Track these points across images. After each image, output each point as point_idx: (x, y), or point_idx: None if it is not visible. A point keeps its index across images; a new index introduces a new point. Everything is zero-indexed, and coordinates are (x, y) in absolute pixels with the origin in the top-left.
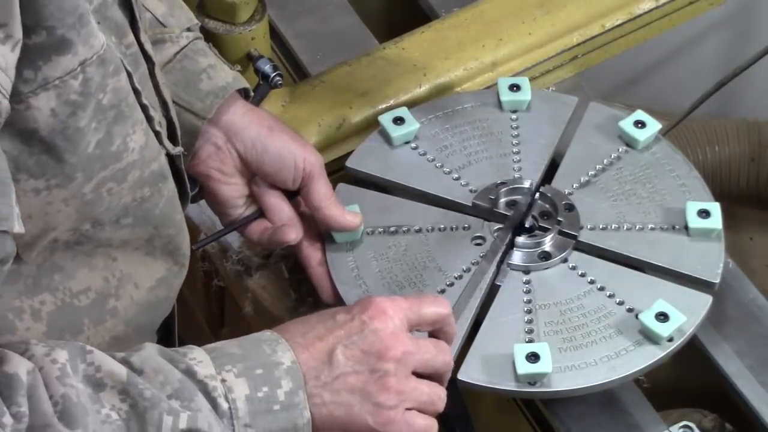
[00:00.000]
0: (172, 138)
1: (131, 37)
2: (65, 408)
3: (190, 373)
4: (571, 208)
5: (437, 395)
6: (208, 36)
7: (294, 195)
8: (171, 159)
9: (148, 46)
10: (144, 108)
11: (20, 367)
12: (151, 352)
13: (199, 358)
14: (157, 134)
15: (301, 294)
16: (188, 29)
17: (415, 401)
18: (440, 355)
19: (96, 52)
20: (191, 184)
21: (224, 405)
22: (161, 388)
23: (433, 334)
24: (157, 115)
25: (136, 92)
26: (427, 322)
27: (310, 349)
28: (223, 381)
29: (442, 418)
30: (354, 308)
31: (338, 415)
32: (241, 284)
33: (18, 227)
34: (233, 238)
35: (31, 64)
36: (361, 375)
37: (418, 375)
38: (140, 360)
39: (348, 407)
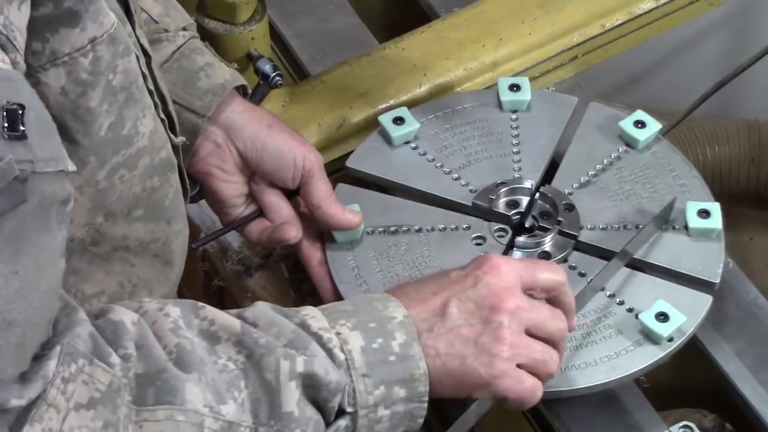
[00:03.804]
0: (172, 132)
1: (129, 28)
2: (180, 356)
3: (303, 326)
4: (571, 208)
5: (549, 356)
6: (208, 36)
7: (293, 195)
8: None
9: (143, 40)
10: (150, 93)
11: (125, 316)
12: (264, 308)
13: (311, 313)
14: (161, 121)
15: (301, 294)
16: (184, 29)
17: (528, 358)
18: (554, 320)
19: (106, 30)
20: (191, 183)
21: (341, 355)
22: (276, 339)
23: (550, 303)
24: (159, 104)
25: (144, 76)
26: (541, 286)
27: (424, 303)
28: (337, 334)
29: (443, 418)
30: (468, 265)
31: (452, 366)
32: (241, 284)
33: (71, 166)
34: (233, 238)
35: (39, 35)
36: (475, 327)
37: (532, 337)
38: (253, 314)
39: (462, 359)
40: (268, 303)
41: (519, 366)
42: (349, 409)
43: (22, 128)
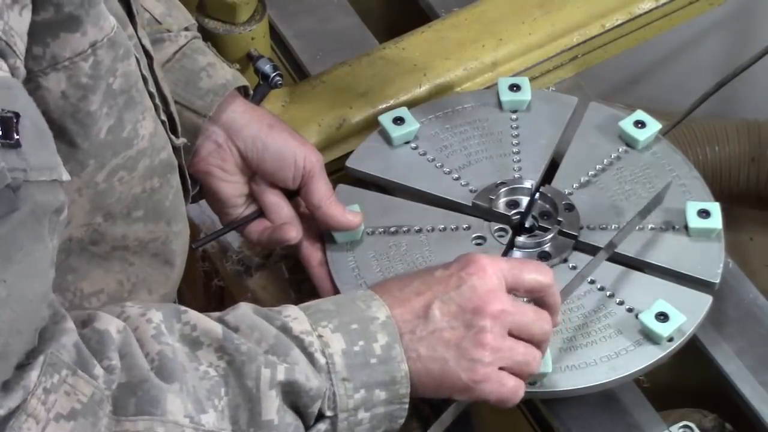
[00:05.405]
0: (173, 133)
1: (131, 29)
2: (162, 364)
3: (285, 330)
4: (571, 208)
5: (532, 356)
6: (208, 36)
7: (293, 195)
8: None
9: (146, 41)
10: (151, 96)
11: (110, 324)
12: (245, 311)
13: (293, 315)
14: (162, 123)
15: (301, 294)
16: (186, 29)
17: (510, 360)
18: (539, 321)
19: (106, 34)
20: (191, 183)
21: (321, 360)
22: (257, 345)
23: (536, 303)
24: (160, 106)
25: (144, 79)
26: (524, 287)
27: (407, 304)
28: (319, 336)
29: (437, 412)
30: (453, 265)
31: (433, 369)
32: (241, 284)
33: (66, 176)
34: (233, 238)
35: (40, 40)
36: (457, 331)
37: (515, 338)
38: (235, 318)
39: (443, 362)
40: (251, 304)
41: (501, 368)
42: (328, 413)
43: (16, 136)
